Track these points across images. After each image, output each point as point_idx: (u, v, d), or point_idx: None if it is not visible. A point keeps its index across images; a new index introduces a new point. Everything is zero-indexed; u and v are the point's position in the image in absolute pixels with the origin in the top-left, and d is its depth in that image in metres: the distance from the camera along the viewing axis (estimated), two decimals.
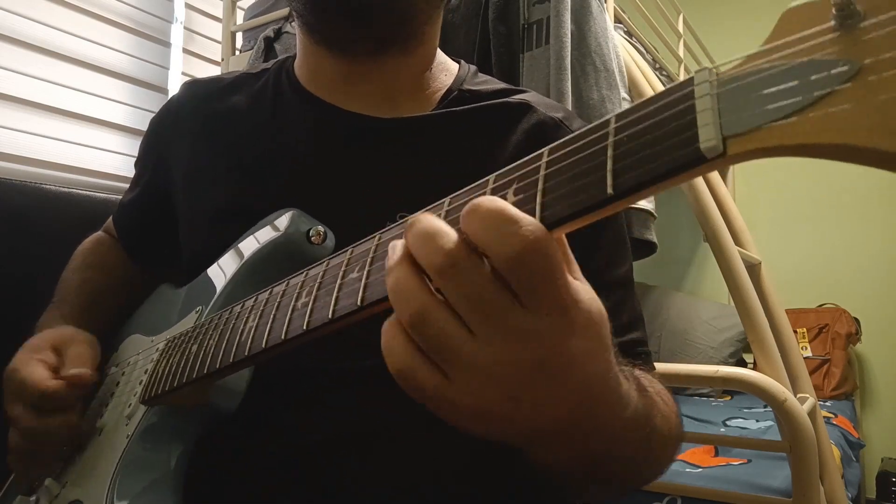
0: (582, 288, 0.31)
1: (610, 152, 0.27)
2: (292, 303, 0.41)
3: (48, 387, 0.54)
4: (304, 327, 0.38)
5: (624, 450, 0.39)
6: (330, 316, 0.36)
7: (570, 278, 0.30)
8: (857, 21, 0.21)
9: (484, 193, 0.32)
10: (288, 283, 0.43)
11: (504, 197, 0.31)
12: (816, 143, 0.21)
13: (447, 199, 0.34)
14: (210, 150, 0.65)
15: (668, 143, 0.25)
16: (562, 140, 0.30)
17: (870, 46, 0.20)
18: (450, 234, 0.29)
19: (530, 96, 0.64)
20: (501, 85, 0.67)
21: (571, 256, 0.33)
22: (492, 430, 0.32)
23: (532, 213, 0.29)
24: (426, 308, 0.29)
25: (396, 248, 0.31)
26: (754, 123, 0.22)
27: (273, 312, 0.42)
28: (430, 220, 0.30)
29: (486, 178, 0.33)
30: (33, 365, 0.56)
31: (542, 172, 0.30)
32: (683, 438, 0.52)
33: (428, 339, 0.30)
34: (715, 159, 0.24)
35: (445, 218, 0.33)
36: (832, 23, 0.21)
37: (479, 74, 0.69)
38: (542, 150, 0.30)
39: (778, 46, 0.23)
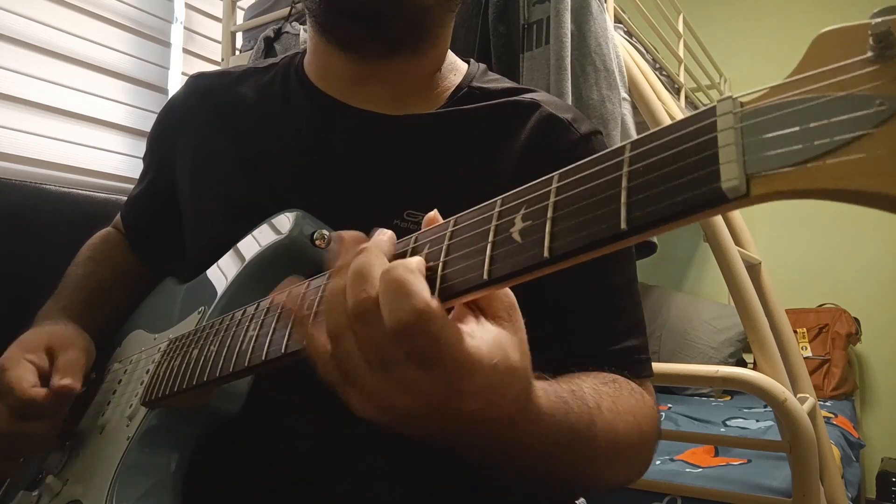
0: (487, 352, 0.32)
1: (624, 183, 0.25)
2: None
3: (32, 395, 0.53)
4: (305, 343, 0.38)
5: (541, 466, 0.41)
6: None
7: (466, 347, 0.31)
8: None
9: (491, 216, 0.31)
10: (290, 294, 0.43)
11: (512, 222, 0.30)
12: (848, 188, 0.19)
13: (452, 220, 0.34)
14: (216, 144, 0.65)
15: (687, 178, 0.23)
16: (573, 165, 0.29)
17: None
18: (373, 283, 0.32)
19: (539, 95, 0.63)
20: (510, 84, 0.66)
21: (498, 309, 0.35)
22: (388, 427, 0.35)
23: (541, 242, 0.28)
24: (342, 332, 0.33)
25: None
26: (781, 163, 0.20)
27: (273, 324, 0.42)
28: (366, 260, 0.33)
29: (494, 199, 0.32)
30: (22, 367, 0.55)
31: (552, 199, 0.28)
32: (651, 441, 0.53)
33: (337, 355, 0.33)
34: (737, 199, 0.22)
35: (449, 240, 0.33)
36: (870, 54, 0.19)
37: (489, 73, 0.68)
38: (553, 174, 0.30)
39: (808, 78, 0.21)
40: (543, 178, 0.30)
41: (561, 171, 0.29)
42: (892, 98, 0.19)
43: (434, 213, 0.36)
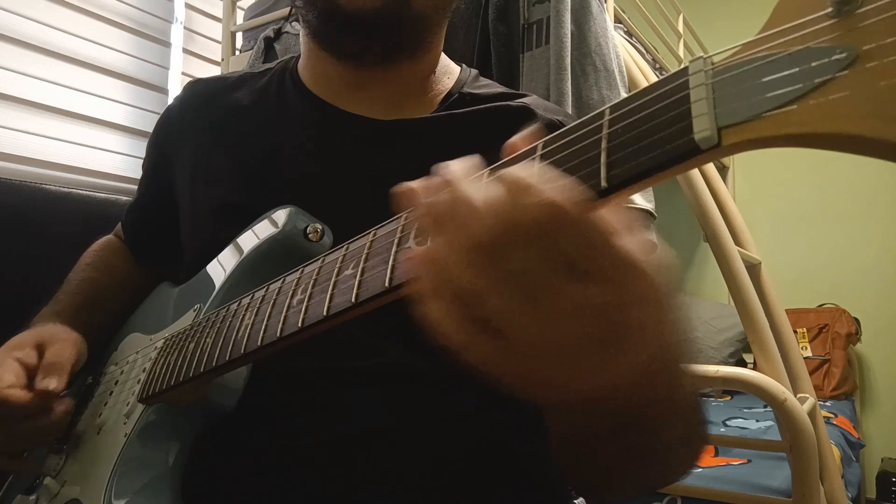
0: (642, 255, 0.28)
1: (604, 144, 0.26)
2: (288, 300, 0.41)
3: (11, 397, 0.53)
4: (300, 325, 0.38)
5: (667, 431, 0.39)
6: (325, 313, 0.36)
7: (621, 246, 0.27)
8: (855, 7, 0.20)
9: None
10: (284, 281, 0.43)
11: None
12: (813, 132, 0.20)
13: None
14: (213, 149, 0.66)
15: (663, 134, 0.25)
16: (556, 133, 0.29)
17: (868, 33, 0.20)
18: (489, 209, 0.26)
19: (530, 100, 0.64)
20: (501, 89, 0.67)
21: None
22: (538, 394, 0.31)
23: None
24: (481, 284, 0.27)
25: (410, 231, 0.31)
26: (750, 113, 0.22)
27: (269, 310, 0.42)
28: (470, 193, 0.27)
29: (481, 172, 0.32)
30: (6, 367, 0.55)
31: (536, 166, 0.29)
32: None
33: (480, 316, 0.27)
34: (710, 150, 0.23)
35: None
36: (830, 9, 0.21)
37: (480, 78, 0.69)
38: (537, 143, 0.30)
39: (774, 34, 0.22)
40: (528, 147, 0.30)
41: (545, 139, 0.30)
42: (850, 48, 0.20)
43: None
